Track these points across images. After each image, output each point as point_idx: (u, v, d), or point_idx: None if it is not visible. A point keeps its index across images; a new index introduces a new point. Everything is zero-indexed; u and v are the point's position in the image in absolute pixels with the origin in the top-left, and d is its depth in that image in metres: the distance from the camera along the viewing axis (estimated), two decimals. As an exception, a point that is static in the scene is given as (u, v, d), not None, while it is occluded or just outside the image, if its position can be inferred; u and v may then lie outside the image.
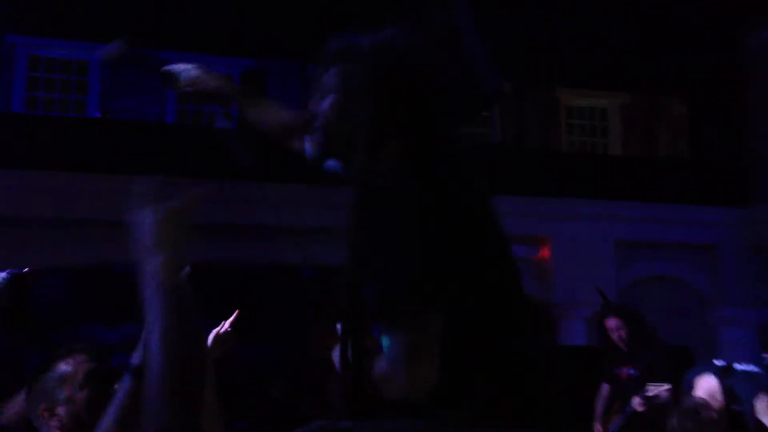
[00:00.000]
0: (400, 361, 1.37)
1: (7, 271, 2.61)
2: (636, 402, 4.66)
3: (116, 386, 1.75)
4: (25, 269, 2.67)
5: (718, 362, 3.01)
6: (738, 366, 2.96)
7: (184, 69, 2.15)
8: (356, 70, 1.56)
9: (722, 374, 2.92)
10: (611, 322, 5.03)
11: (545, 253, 9.72)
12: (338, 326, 1.48)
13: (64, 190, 8.24)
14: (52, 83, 11.20)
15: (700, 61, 10.45)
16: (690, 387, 2.98)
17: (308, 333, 9.98)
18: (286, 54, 10.41)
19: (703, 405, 2.86)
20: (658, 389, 4.56)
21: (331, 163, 1.76)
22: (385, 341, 1.41)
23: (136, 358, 1.73)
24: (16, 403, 2.20)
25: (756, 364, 3.08)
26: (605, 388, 5.24)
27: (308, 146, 1.82)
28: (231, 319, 2.40)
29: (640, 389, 4.69)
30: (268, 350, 10.41)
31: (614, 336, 5.01)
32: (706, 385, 2.92)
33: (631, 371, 4.96)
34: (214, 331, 2.35)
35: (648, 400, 4.59)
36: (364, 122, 1.51)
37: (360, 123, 1.51)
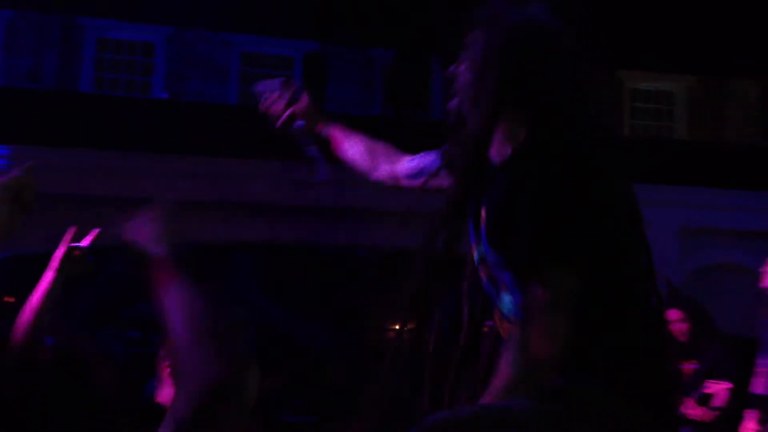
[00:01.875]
0: (537, 313, 1.43)
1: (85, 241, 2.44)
2: (689, 405, 4.45)
3: None
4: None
5: None
6: None
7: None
8: (493, 39, 1.59)
9: None
10: (672, 314, 4.79)
11: (607, 238, 9.55)
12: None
13: (125, 169, 8.41)
14: (119, 64, 11.43)
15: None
16: None
17: (365, 315, 10.01)
18: (348, 39, 10.40)
19: None
20: (716, 387, 4.37)
21: None
22: (515, 298, 1.50)
23: None
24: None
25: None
26: None
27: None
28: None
29: (701, 386, 4.51)
30: (325, 332, 10.49)
31: (674, 328, 4.77)
32: None
33: (696, 366, 4.73)
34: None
35: (702, 400, 4.41)
36: (485, 93, 1.56)
37: (481, 93, 1.56)
